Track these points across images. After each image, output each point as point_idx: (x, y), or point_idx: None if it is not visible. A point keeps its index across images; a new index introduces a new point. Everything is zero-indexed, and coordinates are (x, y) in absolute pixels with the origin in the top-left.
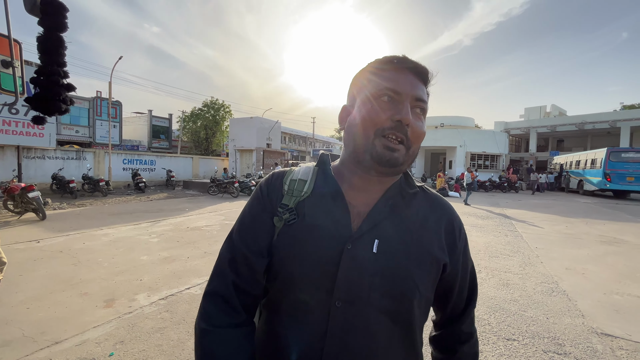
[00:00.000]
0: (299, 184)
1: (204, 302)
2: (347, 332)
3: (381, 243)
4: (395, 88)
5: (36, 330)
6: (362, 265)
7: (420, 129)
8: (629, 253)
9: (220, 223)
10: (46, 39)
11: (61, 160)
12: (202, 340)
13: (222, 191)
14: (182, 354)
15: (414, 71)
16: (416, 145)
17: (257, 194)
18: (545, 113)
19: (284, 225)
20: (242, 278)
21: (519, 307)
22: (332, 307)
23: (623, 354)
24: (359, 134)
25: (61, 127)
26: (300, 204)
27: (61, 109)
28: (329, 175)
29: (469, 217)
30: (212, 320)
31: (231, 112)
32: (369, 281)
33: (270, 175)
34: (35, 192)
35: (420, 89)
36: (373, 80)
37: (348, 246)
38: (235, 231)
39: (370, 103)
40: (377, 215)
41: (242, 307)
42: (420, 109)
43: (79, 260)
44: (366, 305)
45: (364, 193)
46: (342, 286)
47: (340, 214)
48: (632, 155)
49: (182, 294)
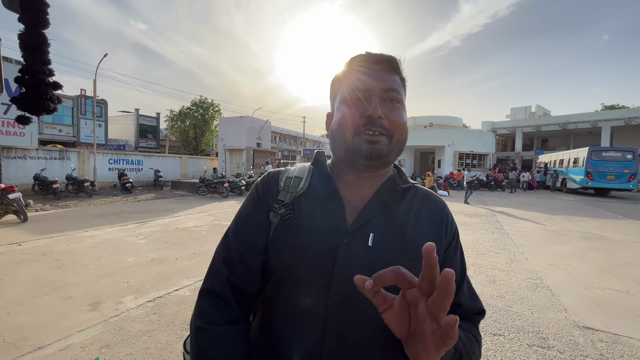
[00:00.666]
0: (295, 180)
1: (199, 300)
2: (346, 325)
3: (376, 236)
4: (361, 86)
5: (17, 336)
6: (358, 258)
7: (397, 117)
8: (609, 248)
9: (209, 223)
10: (28, 36)
11: (43, 160)
12: (198, 338)
13: (211, 191)
14: (170, 356)
15: (380, 64)
16: (399, 134)
17: (253, 192)
18: (531, 113)
19: (280, 220)
20: (237, 276)
21: (505, 302)
22: (330, 301)
23: (603, 346)
24: (340, 137)
25: (43, 126)
26: (296, 200)
27: (49, 108)
28: (324, 173)
29: (457, 215)
30: (207, 318)
31: (220, 111)
32: (365, 274)
33: (266, 175)
34: (16, 194)
35: (389, 79)
36: (343, 84)
37: (344, 240)
38: (231, 229)
39: (343, 106)
40: (371, 209)
41: (237, 305)
42: (392, 98)
43: (62, 263)
44: (364, 298)
45: (359, 189)
46: (339, 280)
47: (335, 209)
48: (612, 154)
49: (171, 296)
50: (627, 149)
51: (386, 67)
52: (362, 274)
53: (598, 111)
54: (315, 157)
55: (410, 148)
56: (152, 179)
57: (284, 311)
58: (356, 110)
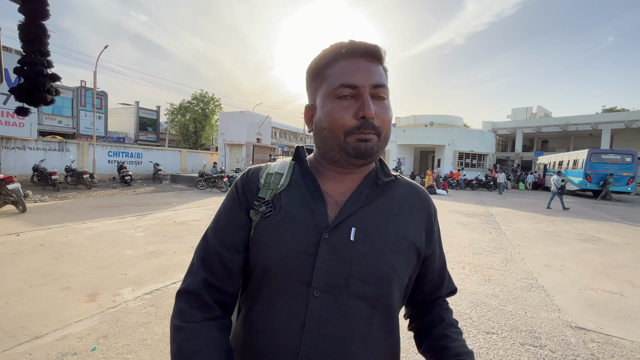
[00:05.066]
0: (275, 177)
1: (177, 300)
2: (326, 321)
3: (358, 231)
4: (351, 82)
5: (15, 325)
6: (340, 253)
7: (385, 115)
8: (604, 250)
9: (208, 218)
10: (27, 27)
11: (43, 152)
12: (176, 336)
13: (210, 186)
14: (166, 348)
15: (366, 55)
16: (386, 130)
17: (233, 191)
18: (532, 114)
19: (261, 218)
20: (215, 276)
21: (500, 301)
22: (311, 297)
23: (594, 346)
24: (329, 137)
25: (43, 117)
26: (277, 197)
27: (46, 99)
28: (305, 168)
29: (455, 215)
30: (185, 317)
31: (221, 105)
32: (347, 269)
33: (245, 171)
34: (15, 184)
35: (376, 73)
36: (328, 75)
37: (325, 235)
38: (210, 229)
39: (331, 104)
40: (353, 204)
41: (215, 304)
42: (380, 95)
43: (60, 254)
44: (345, 293)
45: (340, 183)
46: (320, 276)
47: (316, 204)
48: (611, 156)
49: (168, 289)
50: (627, 152)
51: (372, 58)
52: (345, 270)
53: (599, 113)
54: (296, 152)
55: (410, 147)
56: (152, 172)
57: (265, 308)
58: (347, 109)
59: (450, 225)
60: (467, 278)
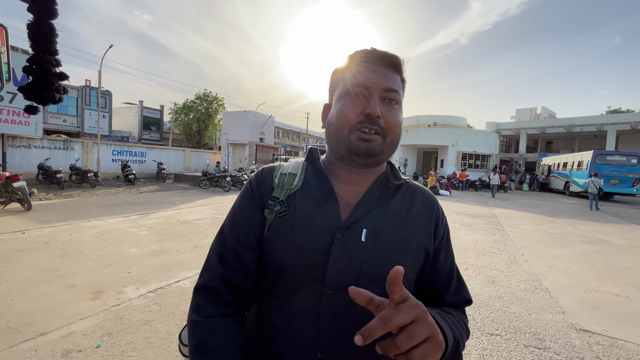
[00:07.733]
0: (289, 177)
1: (194, 296)
2: (339, 318)
3: (369, 232)
4: (363, 83)
5: (21, 322)
6: (351, 253)
7: (393, 118)
8: (609, 252)
9: (211, 217)
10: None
11: (48, 150)
12: (195, 331)
13: (213, 185)
14: (170, 346)
15: (384, 62)
16: (393, 134)
17: (247, 188)
18: (536, 115)
19: (275, 217)
20: (232, 272)
21: (503, 303)
22: (324, 294)
23: (599, 348)
24: (336, 131)
25: (48, 116)
26: (291, 197)
27: (55, 98)
28: (318, 169)
29: (458, 216)
30: (203, 312)
31: (224, 105)
32: (358, 269)
33: (260, 170)
34: (21, 182)
35: (390, 79)
36: (345, 77)
37: (338, 236)
38: (226, 226)
39: (342, 100)
40: (364, 206)
41: (232, 300)
42: (391, 98)
43: (65, 252)
44: None
45: (352, 185)
46: (333, 274)
47: (329, 206)
48: (616, 158)
49: (172, 287)
50: (632, 154)
51: (389, 66)
52: (355, 269)
53: (604, 114)
54: (309, 153)
55: (414, 147)
56: (155, 171)
57: (279, 305)
58: (355, 106)
59: (454, 226)
60: (470, 279)
